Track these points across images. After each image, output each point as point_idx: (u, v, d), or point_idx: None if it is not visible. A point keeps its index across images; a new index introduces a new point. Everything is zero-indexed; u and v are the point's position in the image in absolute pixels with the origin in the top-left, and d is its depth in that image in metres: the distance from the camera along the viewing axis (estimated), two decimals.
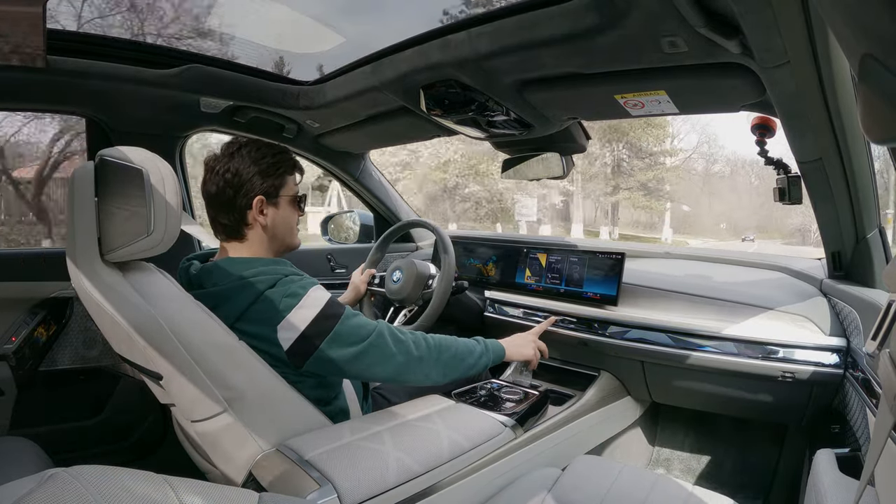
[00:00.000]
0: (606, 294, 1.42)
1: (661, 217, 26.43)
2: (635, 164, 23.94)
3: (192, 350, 0.83)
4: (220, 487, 0.52)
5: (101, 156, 0.82)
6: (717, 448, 1.60)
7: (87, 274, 0.80)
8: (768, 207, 29.09)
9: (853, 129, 0.92)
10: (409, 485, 0.86)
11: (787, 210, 4.24)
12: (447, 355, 1.04)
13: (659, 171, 24.22)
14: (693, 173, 29.95)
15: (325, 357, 0.92)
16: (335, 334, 0.92)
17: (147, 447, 1.57)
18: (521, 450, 1.10)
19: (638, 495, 0.96)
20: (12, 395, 1.33)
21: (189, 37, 1.37)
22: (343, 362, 0.93)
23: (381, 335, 0.96)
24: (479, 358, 1.09)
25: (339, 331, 0.93)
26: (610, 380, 1.46)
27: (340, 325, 0.93)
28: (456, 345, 1.07)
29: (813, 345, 1.15)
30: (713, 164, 31.53)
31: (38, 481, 0.41)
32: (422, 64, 1.09)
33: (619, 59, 0.92)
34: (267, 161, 0.99)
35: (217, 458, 0.91)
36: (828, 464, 0.85)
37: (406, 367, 0.98)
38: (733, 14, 0.70)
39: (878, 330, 0.71)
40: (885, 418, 0.50)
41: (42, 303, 1.41)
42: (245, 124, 1.59)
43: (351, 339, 0.93)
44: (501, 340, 1.18)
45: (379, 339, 0.96)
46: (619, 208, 25.81)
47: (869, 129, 0.32)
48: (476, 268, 1.75)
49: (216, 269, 0.96)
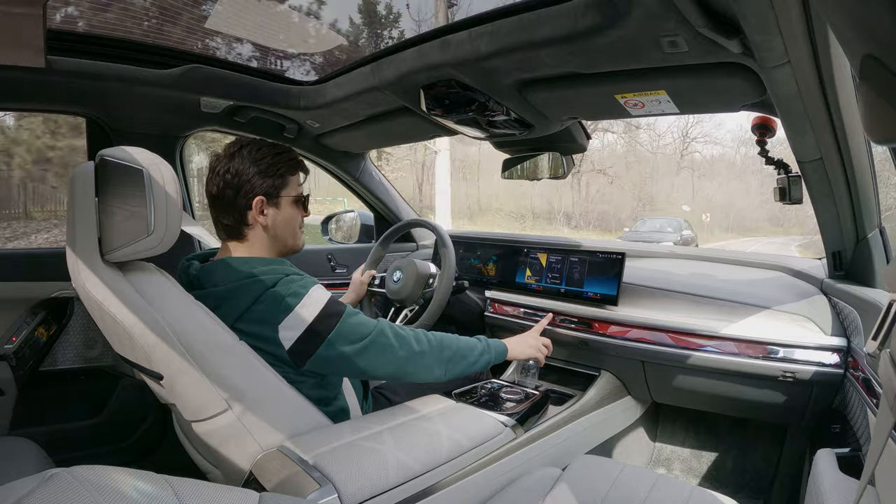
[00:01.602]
0: (607, 294, 1.42)
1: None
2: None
3: (192, 350, 0.83)
4: (221, 487, 0.52)
5: (101, 156, 0.82)
6: (718, 448, 1.60)
7: (88, 274, 0.80)
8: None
9: (853, 129, 0.92)
10: (410, 484, 0.86)
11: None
12: (449, 351, 1.04)
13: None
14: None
15: (327, 355, 0.92)
16: (337, 332, 0.92)
17: (147, 447, 1.57)
18: (522, 450, 1.10)
19: (638, 495, 0.96)
20: (12, 395, 1.34)
21: (189, 37, 1.36)
22: (345, 360, 0.93)
23: (382, 332, 0.97)
24: (481, 355, 1.09)
25: (341, 329, 0.93)
26: (610, 380, 1.46)
27: (342, 324, 0.93)
28: (458, 342, 1.07)
29: (813, 345, 1.15)
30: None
31: (38, 481, 0.41)
32: (422, 64, 1.09)
33: (619, 59, 0.92)
34: (267, 161, 0.99)
35: (217, 457, 0.91)
36: (828, 464, 0.85)
37: (408, 362, 0.98)
38: (734, 14, 0.69)
39: (879, 330, 0.71)
40: (885, 418, 0.50)
41: (42, 303, 1.41)
42: (245, 124, 1.59)
43: (352, 337, 0.93)
44: (504, 340, 1.18)
45: (380, 335, 0.96)
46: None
47: (870, 128, 0.32)
48: (476, 267, 1.75)
49: (216, 269, 0.96)
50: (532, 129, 1.32)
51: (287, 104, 1.50)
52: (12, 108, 2.21)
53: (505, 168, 1.62)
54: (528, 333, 1.26)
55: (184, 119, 1.52)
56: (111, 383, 1.53)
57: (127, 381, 1.52)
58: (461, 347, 1.07)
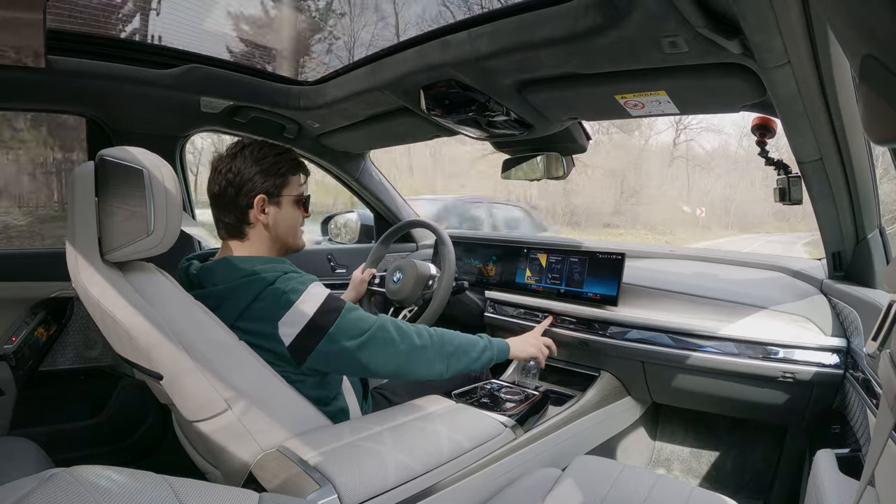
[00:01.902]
0: (607, 294, 1.42)
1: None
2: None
3: (192, 350, 0.83)
4: (220, 487, 0.52)
5: (101, 156, 0.82)
6: (718, 448, 1.60)
7: (88, 274, 0.80)
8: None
9: (853, 130, 0.92)
10: (410, 485, 0.86)
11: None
12: (451, 347, 1.03)
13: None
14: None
15: (327, 350, 0.92)
16: (337, 327, 0.92)
17: (147, 447, 1.57)
18: (522, 450, 1.10)
19: (638, 496, 0.96)
20: (12, 395, 1.33)
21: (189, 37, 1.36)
22: (346, 355, 0.93)
23: (383, 326, 0.96)
24: (483, 352, 1.09)
25: (341, 324, 0.93)
26: (610, 380, 1.46)
27: (342, 318, 0.93)
28: (460, 338, 1.07)
29: (813, 345, 1.15)
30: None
31: (38, 481, 0.41)
32: (422, 64, 1.09)
33: (619, 60, 0.92)
34: (269, 161, 1.00)
35: (217, 458, 0.91)
36: (828, 464, 0.85)
37: (409, 357, 0.98)
38: (734, 14, 0.69)
39: (879, 330, 0.71)
40: (885, 418, 0.50)
41: (42, 303, 1.41)
42: (245, 124, 1.59)
43: (353, 332, 0.93)
44: (506, 339, 1.18)
45: (381, 330, 0.96)
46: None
47: (870, 129, 0.32)
48: (476, 268, 1.75)
49: (216, 268, 0.96)
50: (532, 130, 1.32)
51: (287, 104, 1.50)
52: (12, 108, 2.21)
53: (505, 168, 1.62)
54: (530, 334, 1.26)
55: (184, 119, 1.52)
56: (111, 383, 1.53)
57: (127, 381, 1.52)
58: (463, 343, 1.06)
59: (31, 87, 1.28)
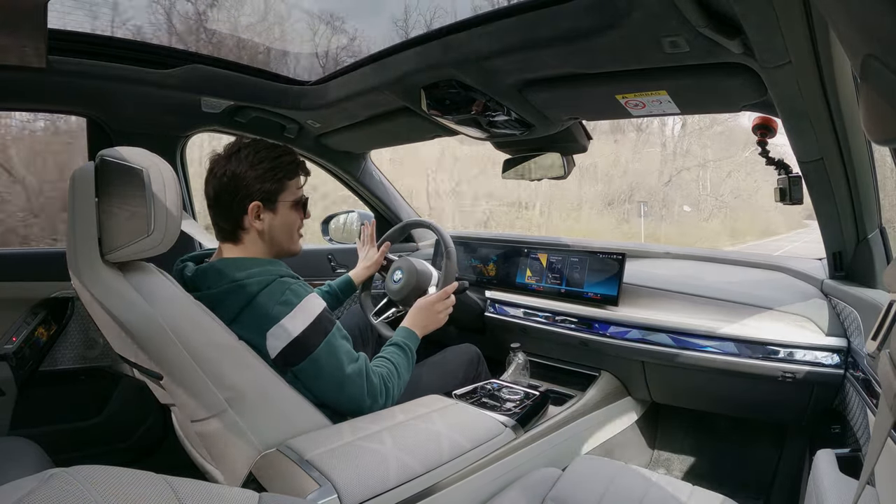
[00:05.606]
0: (607, 294, 1.42)
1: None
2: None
3: (192, 350, 0.83)
4: (220, 487, 0.52)
5: (101, 156, 0.82)
6: (718, 448, 1.60)
7: (88, 274, 0.80)
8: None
9: (854, 129, 0.92)
10: (410, 485, 0.86)
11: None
12: (398, 387, 1.06)
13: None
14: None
15: (307, 370, 0.94)
16: (319, 353, 0.94)
17: (147, 447, 1.57)
18: (522, 450, 1.10)
19: (638, 495, 0.96)
20: (12, 395, 1.34)
21: (190, 36, 1.36)
22: (319, 381, 0.95)
23: (360, 373, 0.98)
24: (409, 359, 1.12)
25: (325, 349, 0.94)
26: (610, 380, 1.46)
27: (326, 344, 0.94)
28: (399, 369, 1.08)
29: (813, 345, 1.15)
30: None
31: (39, 481, 0.41)
32: (423, 64, 1.09)
33: (620, 60, 0.92)
34: (265, 165, 0.98)
35: (217, 458, 0.91)
36: (828, 464, 0.85)
37: (367, 408, 1.00)
38: (735, 14, 0.69)
39: (879, 330, 0.71)
40: (884, 418, 0.50)
41: (42, 303, 1.41)
42: (246, 124, 1.59)
43: (333, 364, 0.95)
44: (408, 324, 1.18)
45: (358, 377, 0.97)
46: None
47: (871, 129, 0.32)
48: (477, 268, 1.75)
49: (210, 270, 0.96)
50: (533, 130, 1.32)
51: (288, 104, 1.50)
52: (12, 108, 2.21)
53: (505, 168, 1.62)
54: (428, 306, 1.22)
55: (184, 119, 1.52)
56: (111, 383, 1.53)
57: (127, 381, 1.52)
58: (402, 373, 1.09)
59: (32, 87, 1.29)
